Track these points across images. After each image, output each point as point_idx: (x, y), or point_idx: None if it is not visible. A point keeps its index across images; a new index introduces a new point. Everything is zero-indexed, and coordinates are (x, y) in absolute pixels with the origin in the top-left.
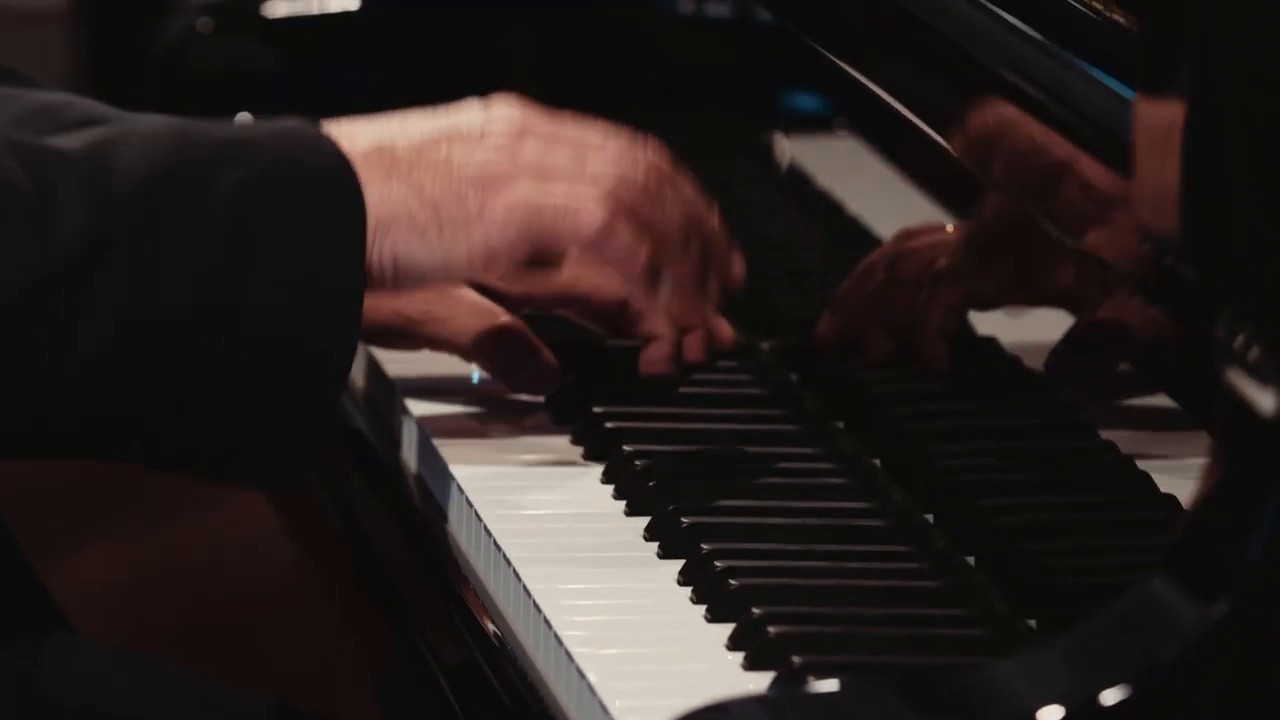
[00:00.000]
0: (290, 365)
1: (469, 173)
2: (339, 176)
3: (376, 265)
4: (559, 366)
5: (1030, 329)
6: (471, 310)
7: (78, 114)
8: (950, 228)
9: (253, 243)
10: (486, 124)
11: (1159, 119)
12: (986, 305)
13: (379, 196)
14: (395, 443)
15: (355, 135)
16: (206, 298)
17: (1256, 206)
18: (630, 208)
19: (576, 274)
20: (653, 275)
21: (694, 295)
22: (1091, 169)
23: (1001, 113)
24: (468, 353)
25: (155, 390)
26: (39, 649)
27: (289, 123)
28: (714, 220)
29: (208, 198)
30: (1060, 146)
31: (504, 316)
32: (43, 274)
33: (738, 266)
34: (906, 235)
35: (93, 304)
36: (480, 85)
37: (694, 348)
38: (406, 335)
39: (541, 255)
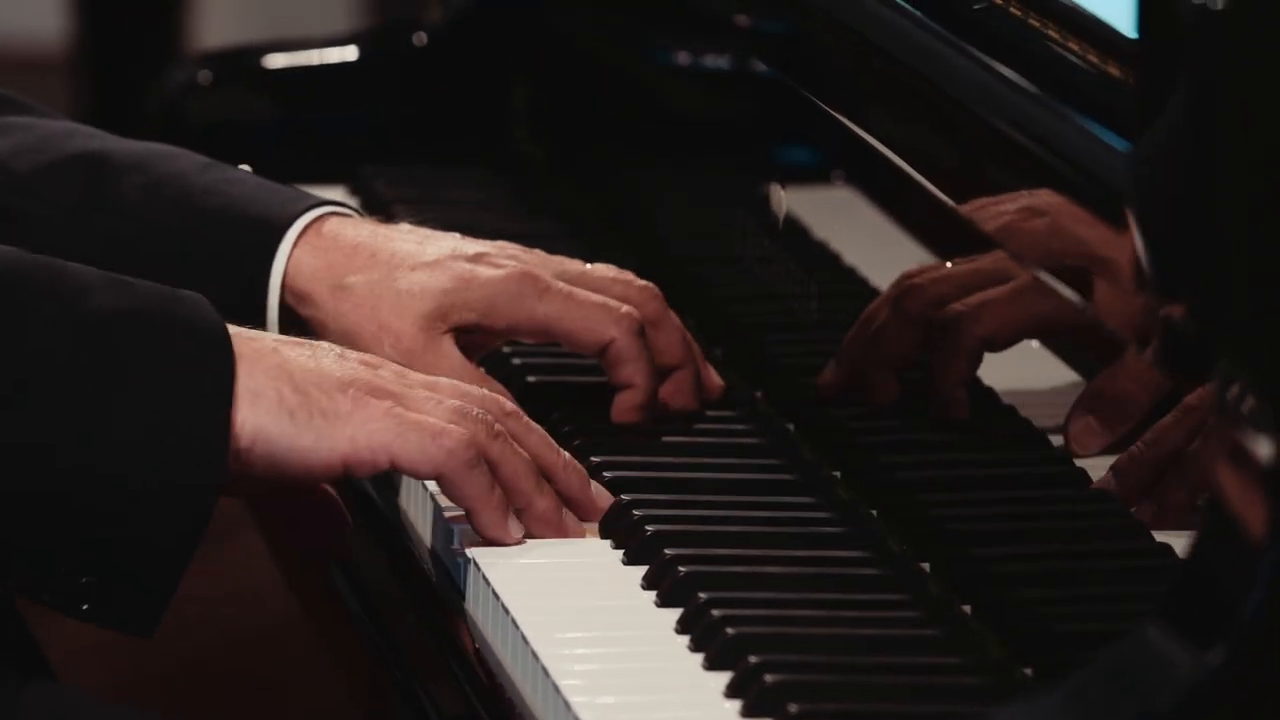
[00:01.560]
0: (135, 515)
1: (336, 375)
2: (215, 332)
3: (243, 440)
4: None
5: (1026, 378)
6: (451, 371)
7: (77, 147)
8: (950, 265)
9: (112, 373)
10: (347, 351)
11: (1154, 171)
12: (1000, 347)
13: (248, 371)
14: (393, 490)
15: (239, 330)
16: (56, 418)
17: (1252, 257)
18: (485, 445)
19: (561, 311)
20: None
21: (554, 529)
22: (1086, 220)
23: (996, 164)
24: None
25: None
26: (17, 696)
27: (178, 289)
28: (563, 458)
29: (74, 314)
30: (1054, 198)
31: (482, 381)
32: None
33: (600, 499)
34: (907, 276)
35: None
36: (478, 135)
37: (679, 396)
38: None
39: (400, 471)
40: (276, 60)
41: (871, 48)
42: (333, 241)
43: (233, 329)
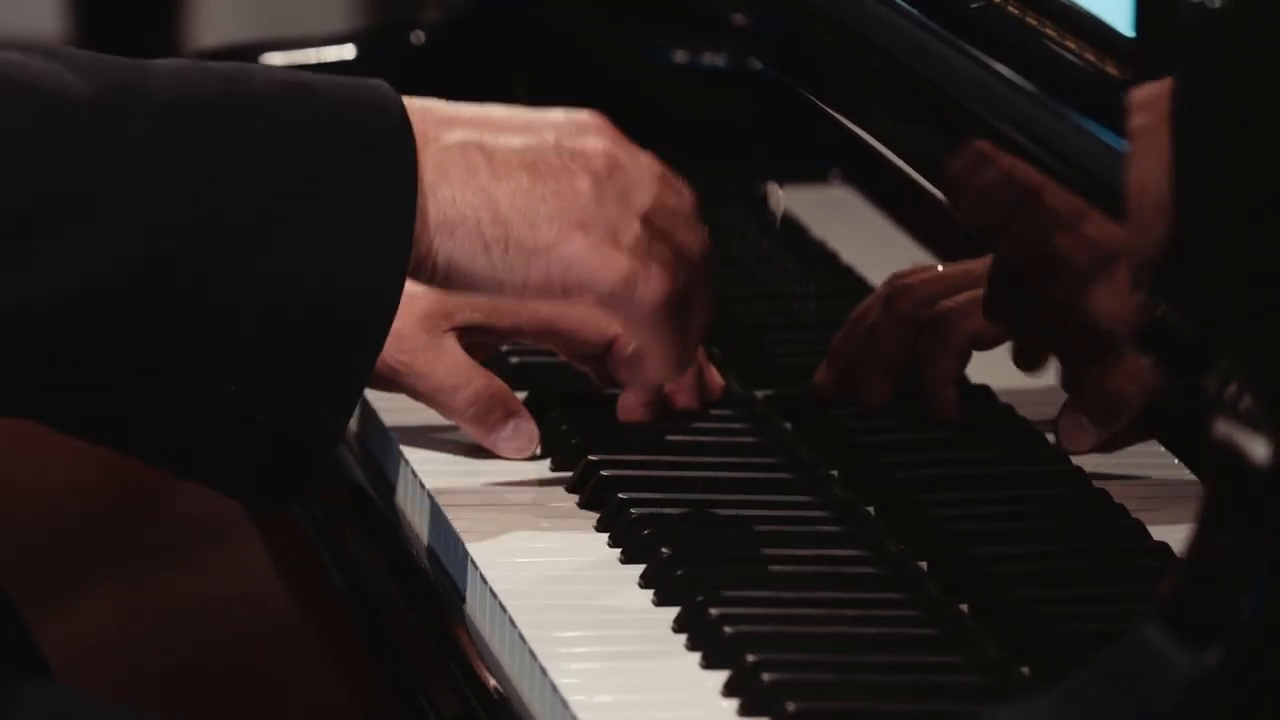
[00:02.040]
0: (312, 334)
1: (548, 205)
2: (395, 152)
3: (430, 263)
4: (537, 431)
5: (1024, 376)
6: (452, 368)
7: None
8: (940, 267)
9: (287, 191)
10: (576, 148)
11: (1151, 169)
12: (989, 345)
13: (450, 197)
14: (390, 488)
15: (454, 123)
16: (229, 230)
17: (1251, 257)
18: (675, 300)
19: (565, 310)
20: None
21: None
22: (1084, 219)
23: (994, 163)
24: (446, 410)
25: (167, 323)
26: (15, 696)
27: (370, 82)
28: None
29: (249, 128)
30: (1052, 197)
31: (483, 378)
32: (58, 171)
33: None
34: (898, 276)
35: (110, 210)
36: None
37: (681, 395)
38: (387, 382)
39: (598, 307)
40: (274, 59)
41: (869, 47)
42: None
43: (444, 139)
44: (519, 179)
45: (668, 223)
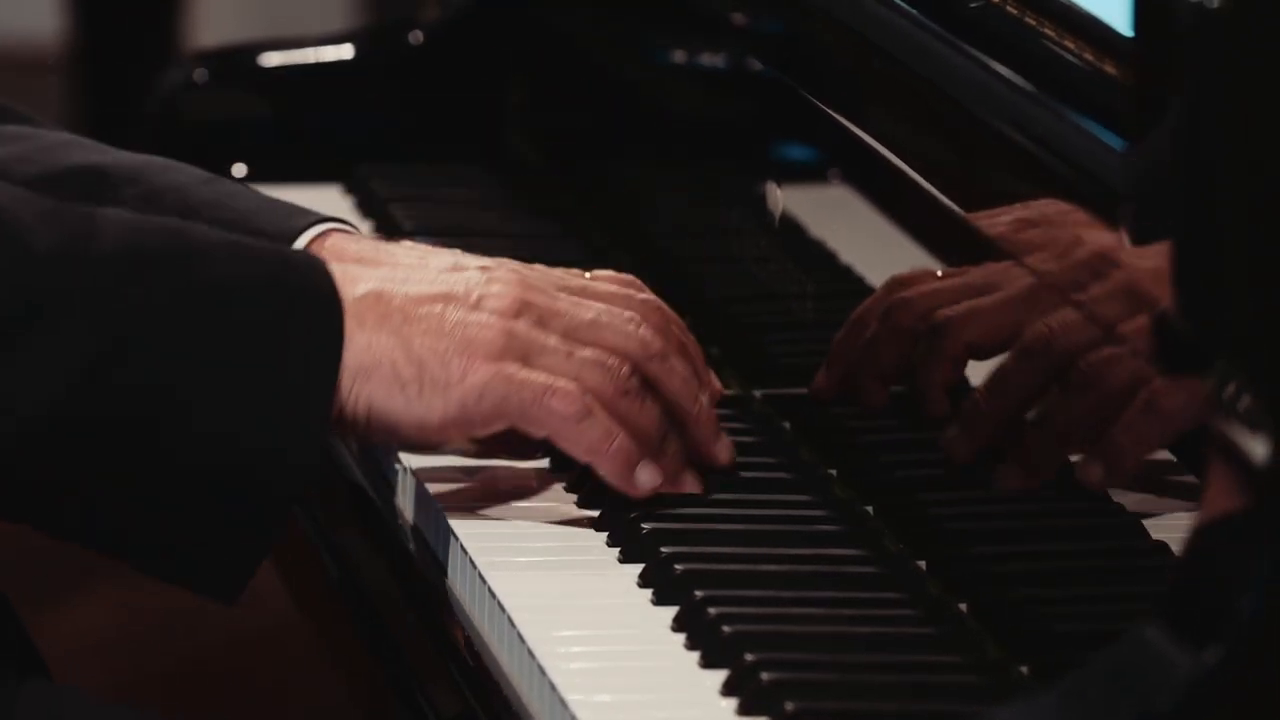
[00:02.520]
0: (238, 478)
1: (458, 336)
2: (328, 307)
3: (350, 410)
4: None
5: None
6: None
7: (76, 159)
8: (940, 273)
9: (218, 343)
10: (485, 290)
11: (1150, 171)
12: (986, 355)
13: (366, 343)
14: (390, 488)
15: (357, 279)
16: (162, 379)
17: (1251, 257)
18: (609, 402)
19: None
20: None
21: (673, 483)
22: (1082, 220)
23: (992, 162)
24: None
25: (99, 460)
26: (14, 696)
27: (294, 250)
28: (699, 406)
29: (190, 283)
30: (1051, 198)
31: None
32: (6, 306)
33: (723, 453)
34: (897, 284)
35: (51, 352)
36: (475, 134)
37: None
38: None
39: (515, 430)
40: (272, 59)
41: (869, 46)
42: (336, 258)
43: (358, 290)
44: (429, 319)
45: (588, 335)
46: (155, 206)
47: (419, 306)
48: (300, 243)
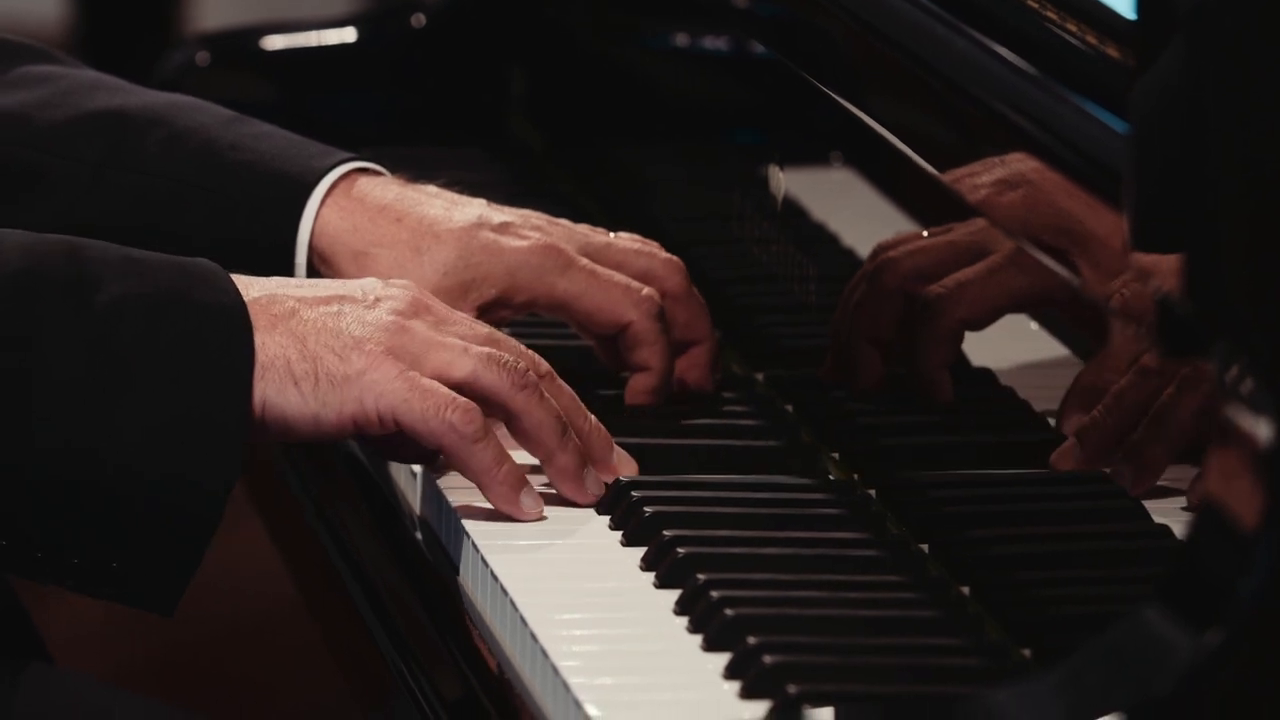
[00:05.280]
0: (155, 499)
1: (355, 334)
2: (231, 314)
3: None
4: None
5: (1024, 358)
6: None
7: (100, 103)
8: (925, 234)
9: (128, 365)
10: (382, 293)
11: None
12: (981, 326)
13: (260, 343)
14: (392, 475)
15: (250, 284)
16: (71, 403)
17: (1249, 239)
18: (505, 395)
19: (581, 289)
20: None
21: (574, 485)
22: (1085, 202)
23: (994, 144)
24: None
25: (14, 491)
26: (15, 679)
27: (195, 260)
28: (589, 421)
29: (85, 306)
30: (1053, 180)
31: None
32: None
33: (625, 466)
34: (882, 248)
35: None
36: (477, 118)
37: (693, 370)
38: None
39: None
40: (275, 42)
41: (870, 29)
42: (359, 203)
43: (251, 293)
44: (324, 317)
45: (484, 341)
46: (179, 148)
47: (314, 307)
48: (326, 182)
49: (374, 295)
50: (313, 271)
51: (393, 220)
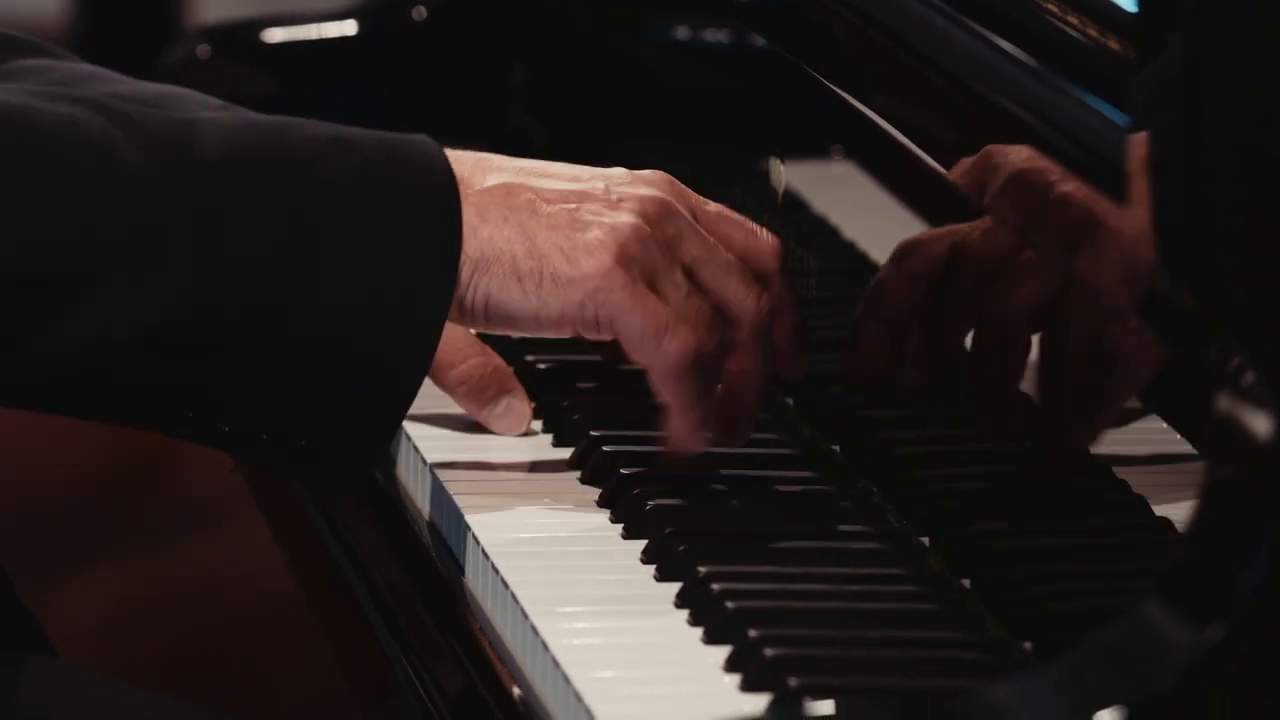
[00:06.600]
0: (352, 377)
1: (588, 236)
2: (438, 199)
3: (469, 301)
4: (529, 410)
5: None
6: (449, 343)
7: (92, 91)
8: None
9: (333, 240)
10: (627, 191)
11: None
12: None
13: (488, 235)
14: (391, 463)
15: (490, 169)
16: (275, 281)
17: (1248, 230)
18: (707, 356)
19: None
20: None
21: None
22: (1085, 195)
23: (995, 138)
24: (441, 384)
25: (214, 367)
26: (17, 672)
27: (413, 137)
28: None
29: (294, 182)
30: (1054, 172)
31: (479, 354)
32: (109, 227)
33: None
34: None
35: (160, 262)
36: (477, 112)
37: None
38: None
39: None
40: (275, 35)
41: (871, 22)
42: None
43: (487, 180)
44: (559, 214)
45: (716, 280)
46: None
47: (551, 203)
48: None
49: (618, 193)
50: None
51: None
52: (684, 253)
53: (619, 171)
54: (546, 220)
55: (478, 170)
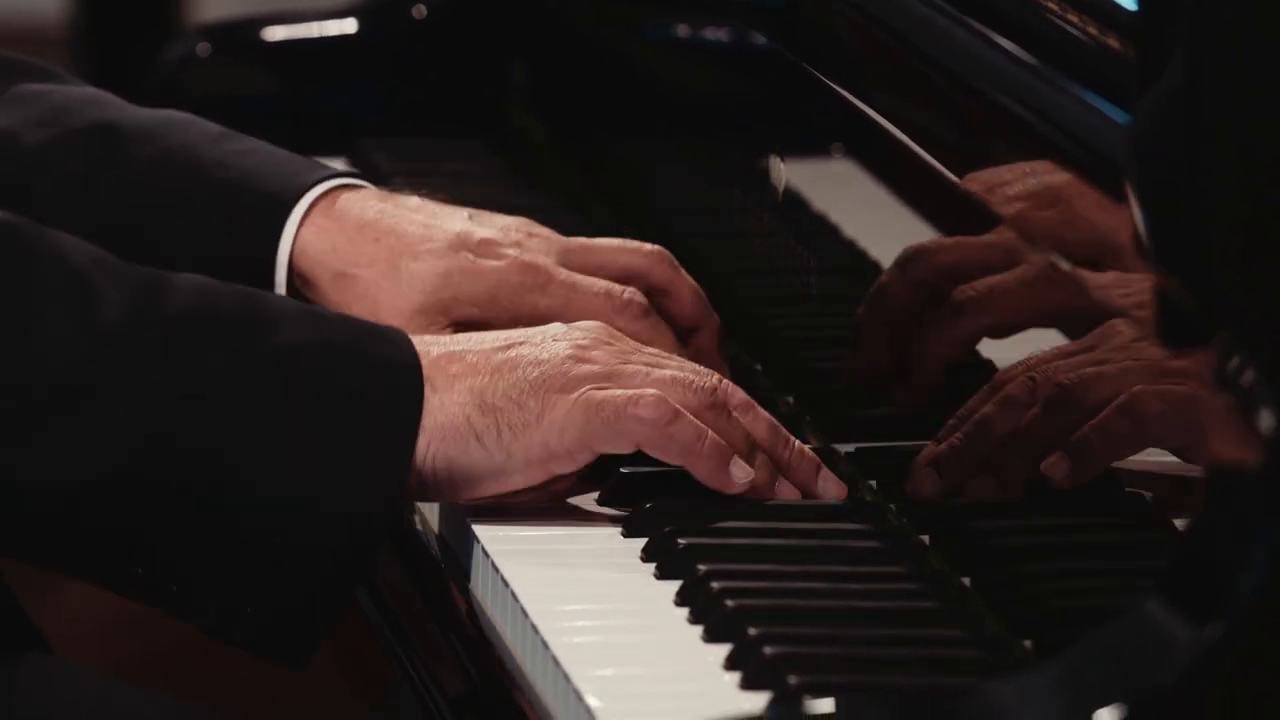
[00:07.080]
0: (303, 546)
1: (533, 375)
2: (405, 371)
3: (428, 472)
4: None
5: (1028, 351)
6: None
7: (91, 117)
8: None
9: (298, 408)
10: (562, 333)
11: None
12: (1001, 335)
13: (439, 403)
14: None
15: (432, 343)
16: (236, 441)
17: (1248, 230)
18: (695, 413)
19: (563, 303)
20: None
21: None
22: (1086, 194)
23: (995, 136)
24: None
25: (163, 521)
26: (17, 670)
27: (374, 325)
28: (793, 447)
29: (261, 347)
30: (1054, 171)
31: None
32: (77, 371)
33: (833, 488)
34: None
35: (119, 417)
36: (477, 109)
37: (701, 356)
38: None
39: (607, 452)
40: (275, 33)
41: (871, 20)
42: (339, 221)
43: (432, 353)
44: (500, 365)
45: (675, 365)
46: (166, 166)
47: (491, 356)
48: (304, 202)
49: (553, 333)
50: (293, 292)
51: (371, 240)
52: (625, 346)
53: (553, 325)
54: (490, 374)
55: (418, 344)
